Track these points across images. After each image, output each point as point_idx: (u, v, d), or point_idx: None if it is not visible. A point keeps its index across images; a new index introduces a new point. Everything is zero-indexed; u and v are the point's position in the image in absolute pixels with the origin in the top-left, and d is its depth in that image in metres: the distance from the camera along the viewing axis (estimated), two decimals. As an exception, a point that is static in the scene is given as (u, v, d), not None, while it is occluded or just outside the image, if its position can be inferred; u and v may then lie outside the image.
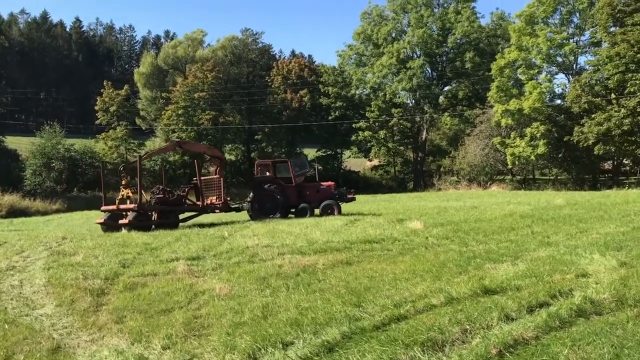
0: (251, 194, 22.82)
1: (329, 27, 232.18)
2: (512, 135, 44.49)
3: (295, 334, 6.53)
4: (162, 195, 21.95)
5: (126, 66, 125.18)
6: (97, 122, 58.84)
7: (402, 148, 61.06)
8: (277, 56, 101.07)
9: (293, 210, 22.38)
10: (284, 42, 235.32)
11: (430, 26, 55.60)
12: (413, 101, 59.17)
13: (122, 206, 20.80)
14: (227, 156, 58.97)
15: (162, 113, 59.04)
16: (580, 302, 6.85)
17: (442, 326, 6.28)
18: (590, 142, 37.78)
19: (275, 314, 7.61)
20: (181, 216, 22.77)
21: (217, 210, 23.41)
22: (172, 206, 22.11)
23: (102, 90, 58.07)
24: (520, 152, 42.55)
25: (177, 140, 29.19)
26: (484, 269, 9.63)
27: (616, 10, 38.34)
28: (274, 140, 60.84)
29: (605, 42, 40.96)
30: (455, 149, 54.16)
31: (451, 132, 61.13)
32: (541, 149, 41.08)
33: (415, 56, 55.75)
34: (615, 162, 47.62)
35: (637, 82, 35.13)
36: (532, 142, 42.05)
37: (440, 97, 59.28)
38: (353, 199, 23.58)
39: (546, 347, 5.50)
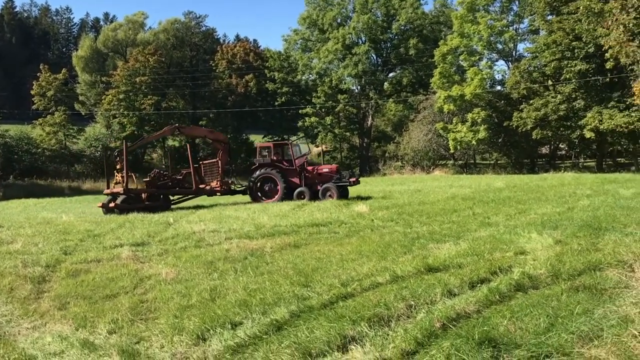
0: (251, 176, 22.70)
1: (275, 11, 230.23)
2: (454, 121, 45.37)
3: (244, 314, 6.56)
4: (148, 179, 22.86)
5: (64, 49, 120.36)
6: (34, 107, 56.47)
7: (348, 134, 61.45)
8: (221, 40, 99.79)
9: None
10: (228, 26, 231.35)
11: (375, 12, 55.92)
12: (358, 87, 59.51)
13: (114, 190, 22.00)
14: (170, 142, 57.88)
15: (103, 98, 57.27)
16: (518, 278, 7.16)
17: (388, 302, 6.44)
18: (529, 127, 38.93)
19: (223, 296, 7.62)
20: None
21: (218, 194, 23.96)
22: (161, 189, 23.02)
23: (38, 74, 55.79)
24: (461, 137, 43.46)
25: (176, 124, 28.25)
26: (427, 249, 9.90)
27: (553, -1, 39.65)
28: (219, 125, 59.92)
29: (542, 30, 42.14)
30: (399, 134, 54.88)
31: (396, 118, 62.02)
32: (482, 134, 42.09)
33: (361, 42, 56.01)
34: (552, 147, 49.36)
35: (572, 69, 36.37)
36: (473, 128, 43.01)
37: (385, 83, 59.80)
38: (357, 182, 22.37)
39: (487, 320, 5.73)
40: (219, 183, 23.51)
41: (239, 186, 25.18)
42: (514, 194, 19.64)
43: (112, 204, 21.36)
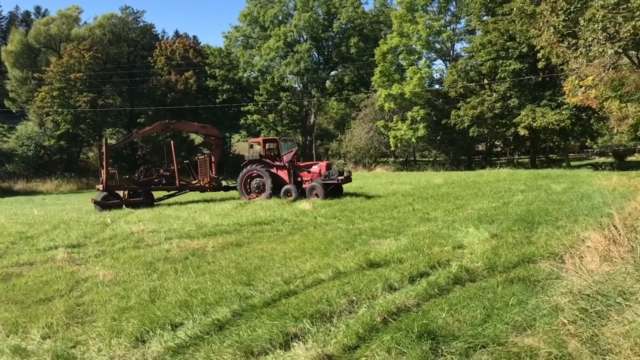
0: (240, 173, 22.31)
1: (215, 8, 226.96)
2: (394, 119, 46.01)
3: (184, 315, 6.46)
4: (128, 176, 23.72)
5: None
6: (-41, 104, 53.83)
7: (291, 132, 61.40)
8: (160, 36, 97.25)
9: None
10: (167, 22, 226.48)
11: (316, 10, 56.07)
12: (301, 85, 59.55)
13: (98, 186, 22.55)
14: (109, 140, 56.12)
15: (35, 95, 54.94)
16: (456, 271, 7.37)
17: (330, 299, 6.50)
18: (466, 124, 39.97)
19: (163, 297, 7.47)
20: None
21: (208, 190, 24.15)
22: (142, 186, 23.27)
23: (-37, 70, 53.16)
24: (402, 135, 44.15)
25: (166, 120, 27.26)
26: (369, 245, 10.04)
27: (488, 0, 40.84)
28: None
29: (478, 30, 43.40)
30: (342, 132, 55.31)
31: (338, 116, 62.45)
32: (421, 132, 42.87)
33: (302, 40, 56.06)
34: (488, 144, 50.86)
35: (507, 68, 37.59)
36: (412, 125, 43.75)
37: (327, 81, 60.11)
38: (348, 180, 20.87)
39: (426, 313, 5.87)
40: (208, 179, 23.71)
41: (233, 183, 24.97)
42: (452, 190, 20.17)
43: (94, 200, 21.88)
